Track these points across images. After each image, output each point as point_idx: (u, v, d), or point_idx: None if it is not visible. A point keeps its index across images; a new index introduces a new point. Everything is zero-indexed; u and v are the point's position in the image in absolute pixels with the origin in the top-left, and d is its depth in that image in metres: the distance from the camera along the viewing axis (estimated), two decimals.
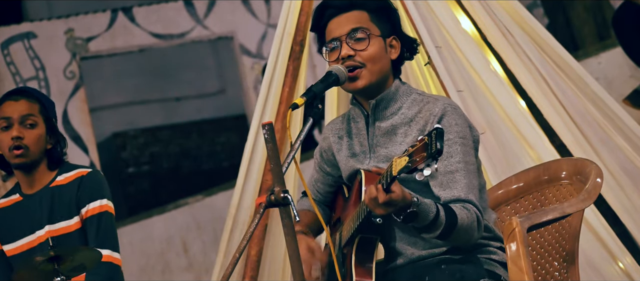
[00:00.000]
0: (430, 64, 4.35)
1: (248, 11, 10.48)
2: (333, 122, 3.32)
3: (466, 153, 3.02)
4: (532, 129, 4.42)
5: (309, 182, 3.41)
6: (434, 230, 2.90)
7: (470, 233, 2.96)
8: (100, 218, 3.95)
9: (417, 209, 2.83)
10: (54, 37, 10.02)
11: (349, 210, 3.16)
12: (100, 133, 11.43)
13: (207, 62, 12.73)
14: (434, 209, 2.88)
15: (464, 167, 3.00)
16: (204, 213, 8.73)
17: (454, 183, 2.98)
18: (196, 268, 8.73)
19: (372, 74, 3.09)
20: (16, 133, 3.91)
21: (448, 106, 3.05)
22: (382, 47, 3.11)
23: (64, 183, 4.00)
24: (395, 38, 3.15)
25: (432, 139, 2.59)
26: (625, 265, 4.25)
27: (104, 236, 3.93)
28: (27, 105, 3.95)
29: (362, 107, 3.17)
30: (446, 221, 2.89)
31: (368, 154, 3.15)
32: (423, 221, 2.87)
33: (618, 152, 4.46)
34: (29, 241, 4.00)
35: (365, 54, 3.08)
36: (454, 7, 4.56)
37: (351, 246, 3.05)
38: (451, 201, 2.97)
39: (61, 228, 3.96)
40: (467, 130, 3.05)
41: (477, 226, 2.97)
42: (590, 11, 8.45)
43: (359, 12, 3.11)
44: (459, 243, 3.00)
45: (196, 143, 12.16)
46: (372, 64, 3.08)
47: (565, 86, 4.52)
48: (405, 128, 3.09)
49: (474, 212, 2.96)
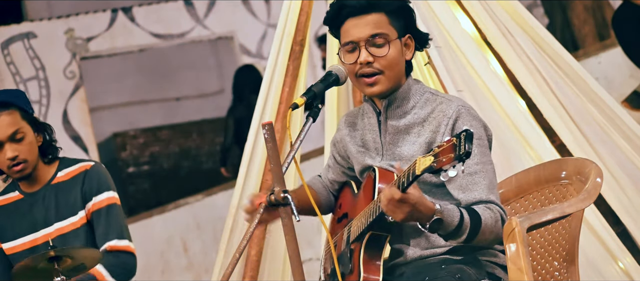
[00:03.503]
0: (430, 63, 4.35)
1: (248, 11, 10.48)
2: (348, 114, 3.31)
3: (483, 154, 3.02)
4: (532, 129, 4.42)
5: (324, 168, 3.43)
6: (460, 235, 2.89)
7: (495, 232, 2.95)
8: (108, 211, 3.94)
9: (441, 216, 2.82)
10: (54, 37, 10.02)
11: (358, 205, 3.15)
12: (100, 133, 11.43)
13: (207, 62, 12.73)
14: (457, 214, 2.87)
15: (483, 168, 2.99)
16: (204, 213, 8.73)
17: (474, 185, 2.98)
18: (196, 268, 8.73)
19: (389, 80, 3.08)
20: (11, 153, 3.86)
21: (462, 108, 3.04)
22: (400, 49, 3.08)
23: (66, 180, 3.99)
24: (410, 37, 3.12)
25: (461, 141, 2.59)
26: (625, 265, 4.25)
27: (112, 228, 3.92)
28: (9, 119, 3.88)
29: (375, 104, 3.16)
30: (471, 224, 2.88)
31: (380, 152, 3.14)
32: (448, 227, 2.86)
33: (618, 152, 4.46)
34: (33, 239, 3.99)
35: (384, 62, 3.05)
36: (454, 7, 4.56)
37: (360, 242, 3.04)
38: (473, 203, 2.96)
39: (69, 225, 3.96)
40: (482, 131, 3.05)
41: (502, 224, 2.97)
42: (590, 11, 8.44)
43: (377, 15, 3.06)
44: (485, 244, 2.99)
45: (196, 143, 12.16)
46: (391, 70, 3.06)
47: (565, 86, 4.52)
48: (418, 128, 3.08)
49: (497, 211, 2.96)
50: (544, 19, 9.00)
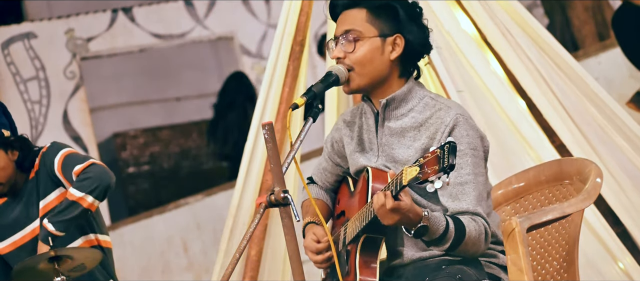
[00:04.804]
0: (430, 64, 4.35)
1: (248, 11, 10.48)
2: (346, 114, 3.30)
3: (476, 165, 3.01)
4: (532, 129, 4.42)
5: (316, 169, 3.40)
6: (443, 243, 2.90)
7: (477, 245, 2.96)
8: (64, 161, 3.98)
9: (428, 223, 2.83)
10: (54, 37, 10.02)
11: (354, 205, 3.15)
12: (100, 133, 11.42)
13: (207, 62, 12.72)
14: (443, 222, 2.87)
15: (474, 179, 2.98)
16: (204, 213, 8.72)
17: (463, 195, 2.97)
18: (196, 268, 8.73)
19: (361, 77, 3.07)
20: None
21: (460, 116, 3.02)
22: (376, 48, 3.07)
23: (38, 168, 4.02)
24: (400, 36, 3.09)
25: (444, 153, 2.59)
26: (625, 265, 4.25)
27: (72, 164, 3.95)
28: None
29: (373, 105, 3.15)
30: (455, 234, 2.89)
31: (376, 153, 3.14)
32: (433, 234, 2.87)
33: (618, 152, 4.46)
34: (22, 236, 4.02)
35: (353, 57, 3.06)
36: (454, 7, 4.56)
37: (356, 245, 3.05)
38: (459, 213, 2.96)
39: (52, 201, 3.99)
40: (478, 142, 3.03)
41: (485, 238, 2.97)
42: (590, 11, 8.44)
43: (357, 11, 3.09)
44: (466, 255, 2.99)
45: (196, 143, 12.15)
46: (361, 67, 3.06)
47: (565, 86, 4.52)
48: (414, 132, 3.07)
49: (482, 224, 2.96)
50: (544, 19, 9.00)
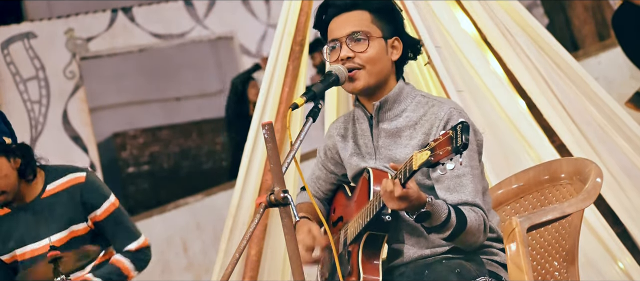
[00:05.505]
0: (430, 64, 4.35)
1: (248, 11, 10.49)
2: (338, 121, 3.32)
3: (471, 158, 3.03)
4: (532, 129, 4.42)
5: (309, 179, 3.41)
6: (444, 231, 2.92)
7: (477, 235, 2.98)
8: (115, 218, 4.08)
9: (431, 209, 2.84)
10: (54, 37, 10.03)
11: (353, 208, 3.16)
12: (100, 133, 11.43)
13: (207, 62, 12.73)
14: (446, 210, 2.89)
15: (470, 172, 3.01)
16: (204, 213, 8.73)
17: (461, 187, 3.00)
18: (196, 268, 8.73)
19: (370, 76, 3.09)
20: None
21: (453, 110, 3.05)
22: (383, 48, 3.11)
23: (58, 192, 4.00)
24: (398, 39, 3.15)
25: (457, 133, 2.60)
26: (625, 265, 4.25)
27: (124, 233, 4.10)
28: None
29: (366, 109, 3.17)
30: (456, 223, 2.90)
31: (373, 156, 3.15)
32: (435, 221, 2.88)
33: (618, 152, 4.46)
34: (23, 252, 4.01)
35: (365, 56, 3.08)
36: (454, 7, 4.56)
37: (358, 243, 3.05)
38: (459, 204, 2.98)
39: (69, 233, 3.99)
40: (472, 135, 3.05)
41: (484, 229, 2.99)
42: (590, 11, 8.45)
43: (360, 12, 3.11)
44: (465, 245, 3.01)
45: (196, 143, 12.16)
46: (372, 65, 3.08)
47: (565, 86, 4.52)
48: (410, 131, 3.09)
49: (481, 215, 2.98)
50: (544, 19, 9.01)
